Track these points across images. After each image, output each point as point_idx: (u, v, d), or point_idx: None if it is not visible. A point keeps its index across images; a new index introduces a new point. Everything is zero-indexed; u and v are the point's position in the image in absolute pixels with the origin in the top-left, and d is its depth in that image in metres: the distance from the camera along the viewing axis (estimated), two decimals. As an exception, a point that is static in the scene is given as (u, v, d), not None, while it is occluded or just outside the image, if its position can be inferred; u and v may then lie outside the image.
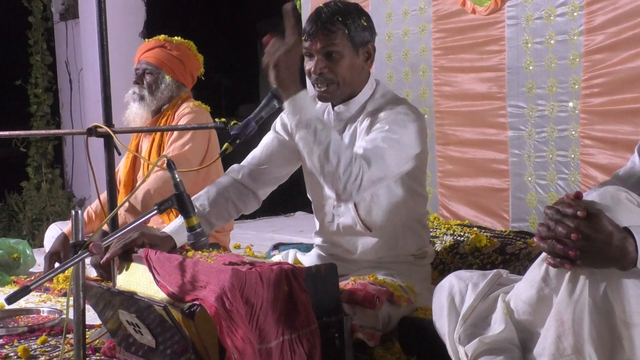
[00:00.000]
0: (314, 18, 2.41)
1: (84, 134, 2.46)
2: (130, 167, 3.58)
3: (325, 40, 2.38)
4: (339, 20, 2.38)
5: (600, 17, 3.08)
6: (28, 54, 6.84)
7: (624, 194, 1.57)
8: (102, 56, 2.49)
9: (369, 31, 2.47)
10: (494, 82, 3.52)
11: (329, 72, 2.40)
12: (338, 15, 2.39)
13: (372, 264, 2.52)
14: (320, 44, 2.39)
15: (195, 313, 1.79)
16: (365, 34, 2.44)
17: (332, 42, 2.38)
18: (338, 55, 2.39)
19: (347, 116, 2.50)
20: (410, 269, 2.54)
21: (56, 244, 3.41)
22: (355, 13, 2.44)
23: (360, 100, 2.49)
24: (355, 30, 2.41)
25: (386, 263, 2.51)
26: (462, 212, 3.72)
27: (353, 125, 2.49)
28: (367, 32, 2.45)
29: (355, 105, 2.49)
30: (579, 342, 1.52)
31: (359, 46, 2.43)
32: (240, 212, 2.58)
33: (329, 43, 2.38)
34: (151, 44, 3.59)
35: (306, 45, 2.41)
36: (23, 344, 2.40)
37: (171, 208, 2.00)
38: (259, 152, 2.63)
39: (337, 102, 2.51)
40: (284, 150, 2.60)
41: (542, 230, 1.53)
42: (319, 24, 2.39)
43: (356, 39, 2.41)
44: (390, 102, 2.46)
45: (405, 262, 2.54)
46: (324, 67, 2.40)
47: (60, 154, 7.17)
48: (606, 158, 3.10)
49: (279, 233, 4.39)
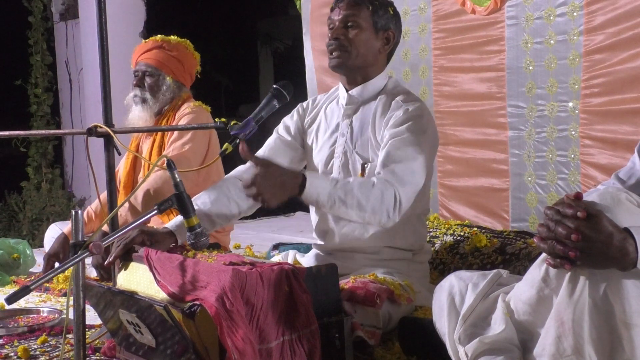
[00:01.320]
0: None
1: (84, 134, 2.46)
2: (130, 167, 3.58)
3: (348, 9, 2.51)
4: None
5: (600, 17, 3.08)
6: (28, 54, 6.84)
7: (624, 195, 1.57)
8: (102, 56, 2.49)
9: (394, 21, 2.58)
10: (493, 82, 3.53)
11: (345, 39, 2.50)
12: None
13: (371, 262, 2.52)
14: (343, 13, 2.51)
15: (196, 313, 1.79)
16: (389, 21, 2.55)
17: (355, 12, 2.50)
18: (357, 26, 2.50)
19: (360, 100, 2.57)
20: (409, 266, 2.55)
21: (55, 245, 3.41)
22: (385, 1, 2.57)
23: (375, 85, 2.57)
24: (379, 12, 2.52)
25: (385, 261, 2.52)
26: (462, 212, 3.72)
27: (366, 107, 2.55)
28: (391, 21, 2.56)
29: (369, 90, 2.56)
30: (579, 343, 1.52)
31: (380, 29, 2.54)
32: (242, 211, 2.57)
33: (351, 13, 2.50)
34: (149, 44, 3.57)
35: (331, 15, 2.55)
36: (23, 344, 2.40)
37: (171, 208, 2.01)
38: (262, 153, 2.67)
39: (351, 85, 2.57)
40: (287, 152, 2.66)
41: (542, 231, 1.54)
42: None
43: (379, 20, 2.52)
44: (403, 93, 2.53)
45: (404, 259, 2.55)
46: (340, 33, 2.50)
47: (60, 154, 7.17)
48: (606, 158, 3.10)
49: (279, 233, 4.39)
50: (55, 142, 7.03)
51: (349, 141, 2.55)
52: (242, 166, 2.62)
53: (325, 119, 2.65)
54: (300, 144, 2.70)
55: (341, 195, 2.22)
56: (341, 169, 2.54)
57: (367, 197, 2.23)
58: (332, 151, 2.58)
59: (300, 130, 2.71)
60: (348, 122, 2.57)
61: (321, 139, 2.64)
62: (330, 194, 2.21)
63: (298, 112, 2.73)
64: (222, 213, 2.47)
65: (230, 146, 2.19)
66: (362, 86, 2.56)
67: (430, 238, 3.22)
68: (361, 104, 2.57)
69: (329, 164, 2.59)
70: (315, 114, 2.70)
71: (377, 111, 2.51)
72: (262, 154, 2.65)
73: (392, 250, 2.54)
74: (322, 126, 2.65)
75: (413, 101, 2.49)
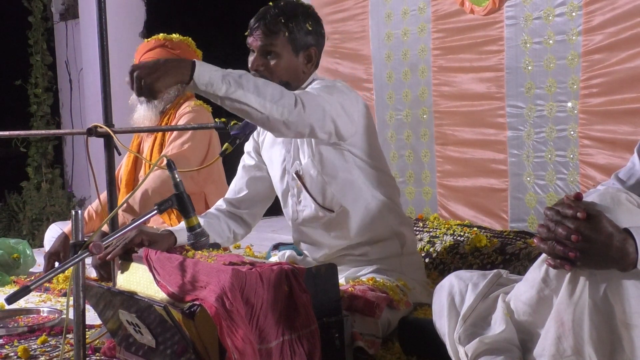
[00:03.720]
0: (259, 16, 2.48)
1: (84, 134, 2.46)
2: (131, 166, 3.59)
3: (264, 39, 2.45)
4: (281, 22, 2.45)
5: (599, 17, 3.08)
6: (28, 54, 6.84)
7: (624, 195, 1.57)
8: (102, 56, 2.49)
9: (314, 35, 2.51)
10: (492, 82, 3.53)
11: (265, 70, 2.46)
12: (282, 16, 2.45)
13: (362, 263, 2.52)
14: (260, 42, 2.46)
15: (196, 313, 1.79)
16: (308, 38, 2.49)
17: (271, 42, 2.45)
18: (275, 55, 2.45)
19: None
20: (401, 261, 2.54)
21: (56, 244, 3.41)
22: (302, 16, 2.49)
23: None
24: (297, 33, 2.46)
25: (375, 260, 2.51)
26: (461, 212, 3.72)
27: None
28: (310, 36, 2.50)
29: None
30: (579, 343, 1.52)
31: (300, 49, 2.48)
32: (236, 235, 2.66)
33: (268, 42, 2.45)
34: (151, 44, 3.58)
35: (249, 40, 2.49)
36: (23, 344, 2.40)
37: (171, 208, 2.01)
38: (237, 179, 2.71)
39: None
40: (262, 173, 2.68)
41: (542, 232, 1.54)
42: (262, 22, 2.45)
43: (297, 42, 2.47)
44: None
45: (394, 255, 2.54)
46: (260, 64, 2.46)
47: (60, 154, 7.17)
48: (605, 158, 3.10)
49: (279, 233, 4.38)
50: (55, 142, 7.03)
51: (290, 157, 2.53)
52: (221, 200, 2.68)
53: (272, 138, 2.62)
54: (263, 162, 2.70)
55: (236, 77, 2.09)
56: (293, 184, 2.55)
57: (265, 84, 2.15)
58: (283, 169, 2.57)
59: (257, 149, 2.71)
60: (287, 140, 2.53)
61: (273, 156, 2.62)
62: (224, 76, 2.07)
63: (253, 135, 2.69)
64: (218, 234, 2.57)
65: (230, 146, 2.19)
66: None
67: (430, 238, 3.23)
68: None
69: (284, 181, 2.58)
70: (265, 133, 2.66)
71: None
72: (237, 178, 2.70)
73: (378, 248, 2.53)
74: (271, 145, 2.63)
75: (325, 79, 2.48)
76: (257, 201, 2.69)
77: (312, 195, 2.49)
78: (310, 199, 2.51)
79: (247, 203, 2.67)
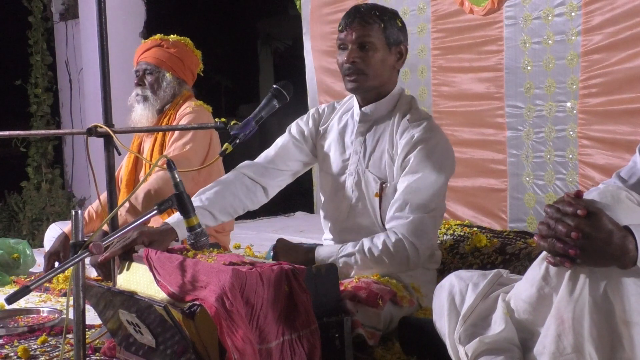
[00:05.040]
0: (352, 11, 2.50)
1: (84, 134, 2.46)
2: (132, 166, 3.59)
3: (361, 30, 2.44)
4: (376, 14, 2.47)
5: (598, 17, 3.09)
6: (28, 54, 6.84)
7: (625, 193, 1.57)
8: (102, 56, 2.49)
9: (403, 34, 2.54)
10: (492, 82, 3.53)
11: (362, 62, 2.45)
12: (375, 10, 2.48)
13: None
14: (355, 34, 2.45)
15: (196, 313, 1.79)
16: (399, 34, 2.51)
17: (368, 33, 2.45)
18: (371, 46, 2.45)
19: (375, 117, 2.54)
20: (416, 270, 2.53)
21: (56, 244, 3.41)
22: (392, 14, 2.53)
23: (389, 102, 2.54)
24: (390, 27, 2.48)
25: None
26: (460, 212, 3.72)
27: (381, 126, 2.53)
28: (401, 34, 2.52)
29: (382, 107, 2.54)
30: (579, 341, 1.52)
31: (393, 44, 2.49)
32: (246, 208, 2.59)
33: (364, 34, 2.44)
34: (148, 44, 3.60)
35: (342, 36, 2.48)
36: (23, 344, 2.40)
37: (171, 208, 2.01)
38: (272, 151, 2.67)
39: (365, 102, 2.55)
40: (296, 154, 2.66)
41: (542, 229, 1.54)
42: (357, 15, 2.46)
43: (390, 36, 2.48)
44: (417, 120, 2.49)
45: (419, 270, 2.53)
46: (357, 56, 2.45)
47: (60, 154, 7.17)
48: (604, 158, 3.10)
49: (279, 233, 4.38)
50: (55, 142, 7.03)
51: (362, 159, 2.53)
52: (248, 161, 2.64)
53: (339, 131, 2.62)
54: (310, 150, 2.68)
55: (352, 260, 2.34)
56: (354, 187, 2.53)
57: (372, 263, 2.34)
58: (344, 167, 2.57)
59: (314, 136, 2.68)
60: (361, 139, 2.54)
61: (334, 153, 2.62)
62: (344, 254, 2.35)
63: (314, 117, 2.70)
64: (224, 210, 2.50)
65: (230, 146, 2.19)
66: (375, 104, 2.53)
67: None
68: (374, 122, 2.54)
69: (342, 179, 2.58)
70: (330, 123, 2.67)
71: (392, 129, 2.49)
72: (272, 151, 2.66)
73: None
74: (335, 138, 2.62)
75: (429, 130, 2.46)
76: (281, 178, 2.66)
77: (381, 210, 2.48)
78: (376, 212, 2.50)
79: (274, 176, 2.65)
